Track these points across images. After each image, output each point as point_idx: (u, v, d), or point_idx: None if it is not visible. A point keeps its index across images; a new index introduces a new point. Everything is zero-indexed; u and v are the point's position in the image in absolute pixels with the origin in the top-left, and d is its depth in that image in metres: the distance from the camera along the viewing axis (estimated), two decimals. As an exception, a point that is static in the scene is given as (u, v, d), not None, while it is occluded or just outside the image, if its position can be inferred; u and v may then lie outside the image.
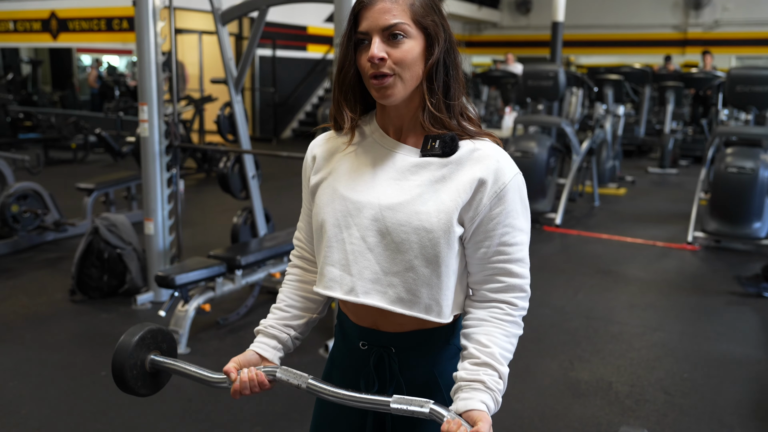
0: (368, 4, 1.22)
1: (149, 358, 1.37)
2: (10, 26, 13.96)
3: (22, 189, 5.45)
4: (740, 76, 6.47)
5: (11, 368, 3.49)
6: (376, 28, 1.21)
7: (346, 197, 1.29)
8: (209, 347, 3.79)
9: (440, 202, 1.23)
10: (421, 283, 1.24)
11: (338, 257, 1.28)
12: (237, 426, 2.93)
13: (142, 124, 4.24)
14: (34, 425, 2.94)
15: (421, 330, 1.30)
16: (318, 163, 1.38)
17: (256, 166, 4.95)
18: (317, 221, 1.33)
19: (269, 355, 1.38)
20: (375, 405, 1.19)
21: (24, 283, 4.80)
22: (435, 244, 1.22)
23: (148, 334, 1.37)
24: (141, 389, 1.37)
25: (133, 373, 1.35)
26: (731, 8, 17.36)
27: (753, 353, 3.83)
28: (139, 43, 4.15)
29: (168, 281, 3.61)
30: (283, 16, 12.96)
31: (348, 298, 1.27)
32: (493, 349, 1.22)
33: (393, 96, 1.23)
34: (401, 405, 1.16)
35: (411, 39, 1.22)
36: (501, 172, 1.24)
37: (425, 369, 1.33)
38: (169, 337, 1.42)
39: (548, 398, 3.26)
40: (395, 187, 1.26)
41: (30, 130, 11.11)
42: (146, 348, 1.37)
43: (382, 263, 1.25)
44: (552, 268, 5.40)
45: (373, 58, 1.20)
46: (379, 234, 1.25)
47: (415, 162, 1.27)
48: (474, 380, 1.20)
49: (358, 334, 1.35)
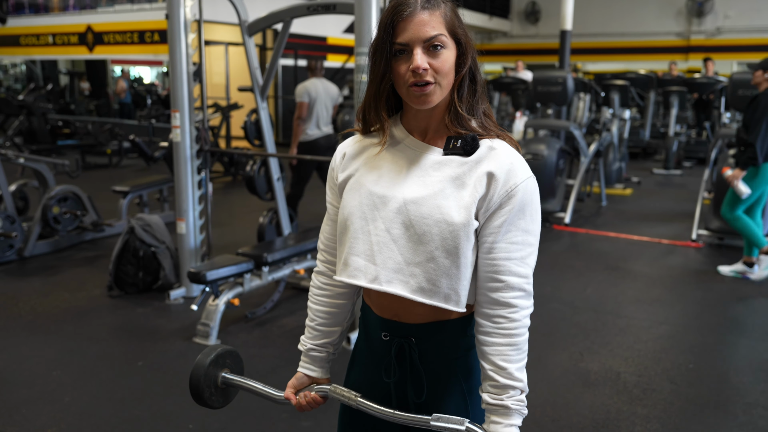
0: (408, 15, 1.22)
1: (221, 376, 1.47)
2: (50, 40, 14.14)
3: (63, 192, 5.52)
4: (742, 80, 6.42)
5: (54, 359, 3.54)
6: (417, 39, 1.21)
7: (373, 192, 1.30)
8: (238, 339, 3.82)
9: (460, 197, 1.24)
10: (441, 274, 1.24)
11: (363, 248, 1.29)
12: (265, 412, 2.95)
13: (175, 130, 4.28)
14: (76, 411, 2.98)
15: (440, 321, 1.31)
16: (346, 161, 1.39)
17: (280, 169, 4.98)
18: (343, 215, 1.34)
19: (317, 375, 1.46)
20: (416, 422, 1.25)
21: (65, 280, 4.87)
22: (455, 236, 1.23)
23: (221, 354, 1.47)
24: (214, 403, 1.47)
25: (208, 389, 1.45)
26: (732, 16, 17.18)
27: (755, 345, 3.79)
28: (172, 54, 4.20)
29: (199, 277, 3.64)
30: (304, 28, 13.01)
31: (372, 286, 1.28)
32: (510, 368, 1.24)
33: (432, 102, 1.24)
34: (440, 423, 1.21)
35: (447, 49, 1.24)
36: (513, 173, 1.24)
37: (444, 359, 1.34)
38: (236, 356, 1.52)
39: (559, 388, 3.26)
40: (419, 183, 1.27)
41: (68, 137, 11.24)
42: (218, 366, 1.46)
43: (405, 254, 1.26)
44: (562, 264, 5.38)
45: (418, 69, 1.21)
46: (403, 226, 1.26)
47: (437, 160, 1.29)
48: (499, 406, 1.24)
49: (380, 325, 1.36)
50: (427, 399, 1.34)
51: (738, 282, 4.93)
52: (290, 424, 2.88)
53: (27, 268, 5.13)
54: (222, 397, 1.49)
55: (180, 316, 4.15)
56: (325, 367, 1.47)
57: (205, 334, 3.76)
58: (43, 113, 10.49)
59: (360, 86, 3.48)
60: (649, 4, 18.17)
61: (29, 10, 14.54)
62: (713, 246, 5.97)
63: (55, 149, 10.56)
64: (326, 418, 2.91)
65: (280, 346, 3.74)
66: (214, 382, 1.45)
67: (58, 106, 13.45)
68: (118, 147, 10.67)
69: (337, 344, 1.48)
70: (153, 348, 3.68)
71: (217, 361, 1.46)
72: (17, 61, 16.94)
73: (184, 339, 3.79)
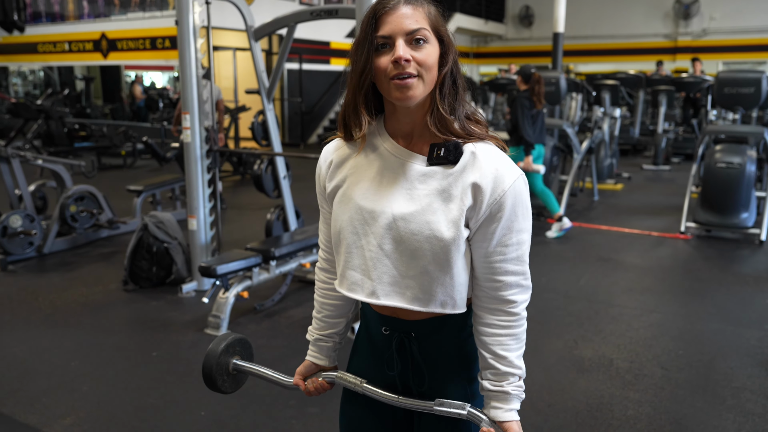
0: (390, 9, 1.17)
1: (232, 362, 1.47)
2: (66, 47, 14.14)
3: (79, 191, 5.52)
4: (728, 79, 6.39)
5: (73, 350, 3.54)
6: (400, 31, 1.15)
7: (362, 206, 1.25)
8: (247, 330, 3.81)
9: (448, 211, 1.19)
10: (435, 284, 1.21)
11: (358, 262, 1.26)
12: (274, 400, 2.95)
13: (185, 131, 4.27)
14: (94, 401, 2.98)
15: (439, 317, 1.29)
16: (332, 169, 1.32)
17: (286, 167, 4.97)
18: (335, 227, 1.30)
19: (323, 363, 1.46)
20: (419, 407, 1.26)
21: (82, 275, 4.87)
22: (446, 251, 1.19)
23: (232, 342, 1.47)
24: (226, 388, 1.48)
25: (220, 375, 1.45)
26: (718, 18, 17.13)
27: (741, 331, 3.78)
28: (182, 59, 4.18)
29: (210, 271, 3.64)
30: (308, 33, 12.99)
31: (370, 300, 1.26)
32: (509, 357, 1.23)
33: (414, 97, 1.17)
34: (443, 408, 1.22)
35: (430, 44, 1.18)
36: (499, 180, 1.18)
37: (444, 350, 1.32)
38: (247, 344, 1.52)
39: (555, 374, 3.25)
40: (406, 197, 1.22)
41: (84, 139, 11.23)
42: (230, 353, 1.47)
43: (399, 268, 1.23)
44: (556, 256, 5.36)
45: (400, 59, 1.14)
46: (394, 242, 1.22)
47: (422, 171, 1.22)
48: (500, 392, 1.24)
49: (380, 321, 1.34)
50: (429, 388, 1.33)
51: (724, 272, 4.92)
52: (298, 411, 2.87)
53: (46, 265, 5.14)
54: (233, 383, 1.49)
55: (192, 308, 4.15)
56: (331, 355, 1.47)
57: (216, 326, 3.75)
58: (61, 117, 10.48)
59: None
60: (638, 7, 18.12)
61: (46, 18, 14.52)
62: (701, 237, 5.95)
63: (72, 151, 10.56)
64: (332, 405, 2.91)
65: (288, 336, 3.74)
66: (225, 369, 1.46)
67: (74, 110, 13.45)
68: (132, 148, 10.67)
69: (342, 334, 1.48)
70: (166, 339, 3.68)
71: (228, 349, 1.46)
72: (35, 68, 16.93)
73: (196, 330, 3.79)
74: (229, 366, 1.46)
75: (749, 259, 5.35)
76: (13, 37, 14.64)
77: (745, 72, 6.51)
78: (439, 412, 1.22)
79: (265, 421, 2.79)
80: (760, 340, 3.65)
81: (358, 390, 1.34)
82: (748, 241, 5.77)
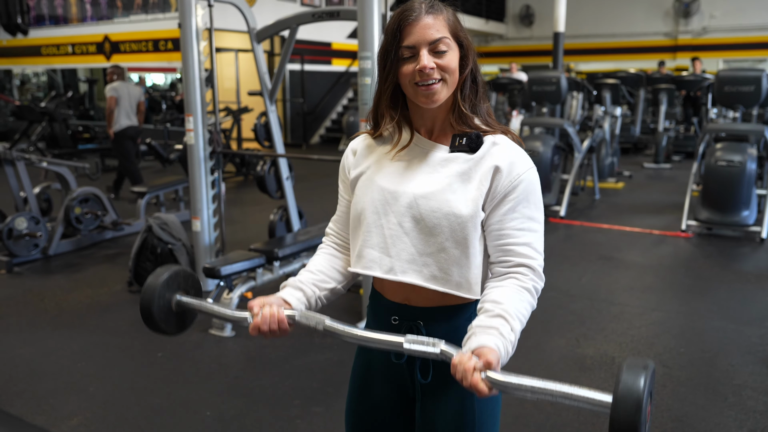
0: (413, 20, 1.24)
1: (175, 299, 1.32)
2: (69, 49, 14.16)
3: (84, 193, 5.53)
4: (728, 77, 6.38)
5: (79, 351, 3.55)
6: (423, 42, 1.24)
7: (384, 188, 1.32)
8: (252, 330, 3.81)
9: (467, 191, 1.26)
10: (452, 263, 1.26)
11: (377, 241, 1.31)
12: (278, 400, 2.96)
13: (189, 133, 4.28)
14: (100, 401, 3.00)
15: (448, 306, 1.32)
16: (357, 158, 1.41)
17: (289, 168, 4.98)
18: (356, 210, 1.36)
19: (293, 301, 1.34)
20: (388, 346, 1.16)
21: (87, 277, 4.88)
22: (463, 227, 1.24)
23: (174, 275, 1.32)
24: (168, 328, 1.33)
25: (161, 313, 1.30)
26: (718, 16, 17.08)
27: (742, 329, 3.78)
28: (184, 61, 4.19)
29: (214, 272, 3.65)
30: (310, 34, 12.99)
31: (387, 276, 1.29)
32: (507, 305, 1.19)
33: (438, 101, 1.26)
34: (413, 345, 1.12)
35: (451, 51, 1.26)
36: (515, 165, 1.26)
37: (451, 340, 1.32)
38: (193, 279, 1.37)
39: (557, 372, 3.25)
40: (427, 179, 1.29)
41: (88, 141, 11.24)
42: (173, 289, 1.32)
43: (417, 245, 1.28)
44: (558, 255, 5.37)
45: (425, 68, 1.22)
46: (414, 220, 1.28)
47: (444, 157, 1.30)
48: (487, 326, 1.16)
49: (391, 309, 1.36)
50: (434, 380, 1.34)
51: (725, 270, 4.91)
52: (303, 410, 2.88)
53: (51, 266, 5.15)
54: (178, 323, 1.34)
55: (196, 309, 4.15)
56: (304, 302, 1.36)
57: (220, 326, 3.76)
58: (65, 119, 10.49)
59: (364, 88, 3.47)
60: (638, 6, 18.07)
61: (50, 21, 14.54)
62: (702, 236, 5.94)
63: (76, 153, 10.57)
64: (337, 404, 2.92)
65: (291, 336, 3.71)
66: (168, 306, 1.30)
67: (78, 113, 13.46)
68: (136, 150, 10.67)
69: (324, 296, 1.40)
70: (171, 340, 3.69)
71: (170, 283, 1.30)
72: (39, 71, 16.94)
73: (201, 331, 3.80)
74: (172, 302, 1.31)
75: (750, 257, 5.35)
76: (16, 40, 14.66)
77: (746, 70, 6.51)
78: (409, 352, 1.14)
79: (270, 421, 2.80)
80: (761, 337, 3.65)
81: (319, 328, 1.22)
82: (748, 239, 5.76)
